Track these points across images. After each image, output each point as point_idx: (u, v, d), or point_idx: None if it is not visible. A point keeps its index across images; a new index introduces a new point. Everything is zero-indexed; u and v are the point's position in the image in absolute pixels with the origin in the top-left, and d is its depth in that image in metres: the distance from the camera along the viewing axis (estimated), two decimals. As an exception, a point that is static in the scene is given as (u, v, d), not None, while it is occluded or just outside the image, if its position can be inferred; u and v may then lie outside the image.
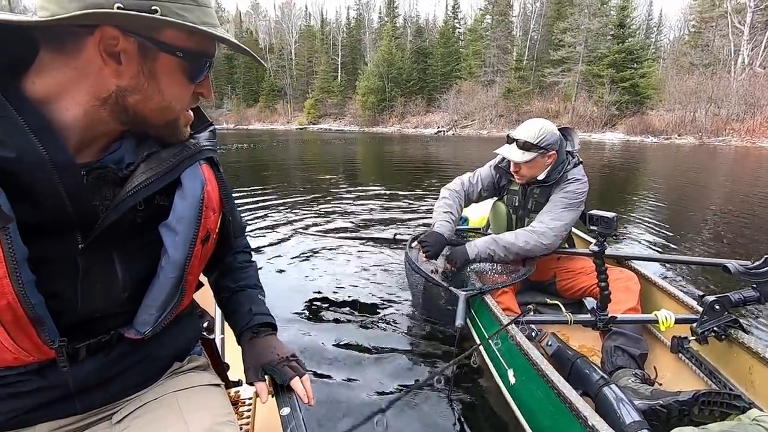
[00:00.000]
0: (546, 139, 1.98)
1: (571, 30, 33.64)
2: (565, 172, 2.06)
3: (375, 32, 53.68)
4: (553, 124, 2.06)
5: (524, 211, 2.21)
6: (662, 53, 44.44)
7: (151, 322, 0.72)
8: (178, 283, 0.72)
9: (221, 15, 63.82)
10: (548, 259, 2.23)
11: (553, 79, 34.93)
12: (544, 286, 2.33)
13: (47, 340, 0.61)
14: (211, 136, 0.77)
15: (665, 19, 52.36)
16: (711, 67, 29.83)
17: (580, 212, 2.06)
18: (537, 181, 2.11)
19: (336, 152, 17.13)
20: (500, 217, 2.30)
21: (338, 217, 5.15)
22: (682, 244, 4.27)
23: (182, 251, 0.70)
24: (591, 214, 1.51)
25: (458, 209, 2.28)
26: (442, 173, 9.81)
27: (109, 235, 0.65)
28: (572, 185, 2.03)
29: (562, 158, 2.08)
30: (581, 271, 2.19)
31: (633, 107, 29.81)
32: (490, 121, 34.83)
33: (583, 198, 2.05)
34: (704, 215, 5.70)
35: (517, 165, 2.08)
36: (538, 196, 2.15)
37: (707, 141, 23.31)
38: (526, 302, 2.24)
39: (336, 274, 3.19)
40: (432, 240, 2.11)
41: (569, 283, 2.22)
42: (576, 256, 2.25)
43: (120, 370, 0.75)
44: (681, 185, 8.93)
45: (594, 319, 1.65)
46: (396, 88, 43.69)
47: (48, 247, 0.60)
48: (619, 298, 1.84)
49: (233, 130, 44.59)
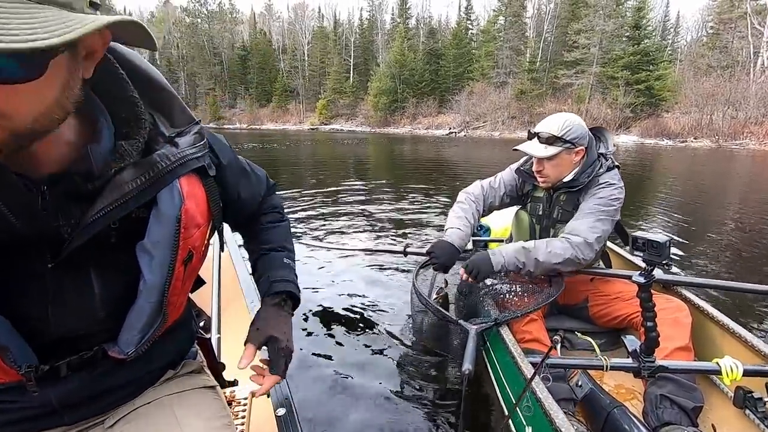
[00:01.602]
0: (572, 132, 1.72)
1: (586, 31, 33.28)
2: (596, 175, 1.77)
3: (387, 33, 53.64)
4: (581, 119, 1.80)
5: (549, 221, 1.92)
6: (679, 55, 43.75)
7: (134, 342, 0.66)
8: (159, 306, 0.66)
9: (235, 16, 64.41)
10: (578, 280, 1.92)
11: (567, 81, 34.57)
12: (574, 311, 1.99)
13: (12, 365, 0.57)
14: (197, 140, 0.67)
15: (682, 20, 51.57)
16: (729, 69, 29.30)
17: (614, 223, 1.78)
18: (563, 185, 1.83)
19: (347, 153, 17.18)
20: (523, 228, 2.01)
21: (347, 225, 4.94)
22: (735, 265, 3.77)
23: (160, 275, 0.64)
24: (636, 236, 1.24)
25: (475, 216, 2.01)
26: (453, 174, 9.80)
27: (82, 254, 0.58)
28: (605, 190, 1.75)
29: (592, 159, 1.81)
30: (618, 296, 1.84)
31: (648, 109, 29.38)
32: (502, 123, 34.58)
33: (618, 206, 1.76)
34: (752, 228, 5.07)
35: (540, 163, 1.81)
36: (564, 204, 1.85)
37: (724, 144, 22.90)
38: (554, 328, 1.94)
39: (340, 289, 2.99)
40: (441, 250, 1.84)
41: (604, 310, 1.88)
42: (611, 279, 1.91)
43: (107, 386, 0.72)
44: (711, 190, 8.71)
45: (637, 365, 1.32)
46: (408, 89, 43.60)
47: (12, 267, 0.55)
48: (665, 333, 1.50)
49: (246, 129, 45.03)
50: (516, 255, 1.73)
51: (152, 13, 78.02)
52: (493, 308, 1.74)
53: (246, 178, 0.87)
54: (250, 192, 0.88)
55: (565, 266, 1.72)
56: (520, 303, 1.78)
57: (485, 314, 1.73)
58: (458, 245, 1.86)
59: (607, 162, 1.81)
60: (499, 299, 1.83)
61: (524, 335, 1.66)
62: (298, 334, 2.36)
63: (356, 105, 48.71)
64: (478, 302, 1.83)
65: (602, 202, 1.73)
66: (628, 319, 1.79)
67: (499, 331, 1.58)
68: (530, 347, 1.61)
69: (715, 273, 3.59)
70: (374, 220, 5.18)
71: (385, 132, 39.25)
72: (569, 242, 1.70)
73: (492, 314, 1.68)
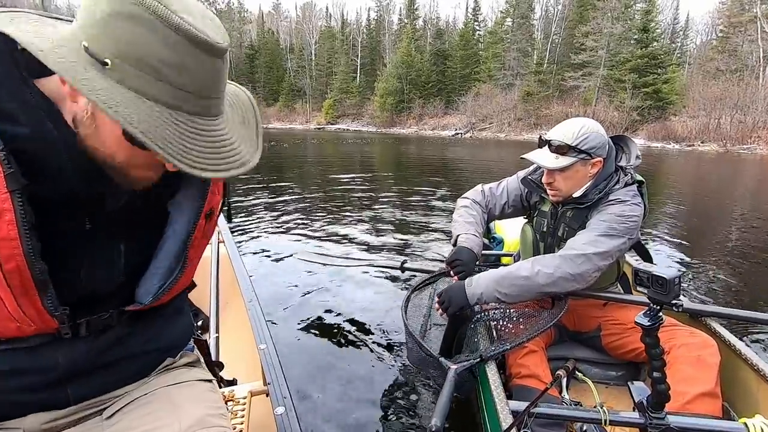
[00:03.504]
0: (588, 141, 1.50)
1: (593, 34, 33.15)
2: (609, 192, 1.54)
3: (394, 34, 53.67)
4: (601, 126, 1.58)
5: (553, 239, 1.68)
6: (688, 58, 43.45)
7: (152, 291, 0.72)
8: (181, 253, 0.73)
9: (244, 15, 64.67)
10: (589, 304, 1.69)
11: (574, 83, 34.45)
12: (585, 339, 1.73)
13: (50, 307, 0.63)
14: None
15: (692, 23, 51.07)
16: (738, 73, 29.07)
17: (627, 242, 1.51)
18: (572, 201, 1.61)
19: (353, 153, 17.21)
20: (527, 245, 1.79)
21: (343, 234, 4.57)
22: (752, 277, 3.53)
23: (187, 222, 0.72)
24: (638, 269, 1.05)
25: (483, 224, 1.81)
26: (456, 177, 9.77)
27: (116, 218, 0.68)
28: (615, 207, 1.51)
29: (608, 172, 1.57)
30: (634, 325, 1.57)
31: (655, 113, 29.19)
32: (508, 125, 34.51)
33: (631, 225, 1.49)
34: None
35: (550, 175, 1.58)
36: (570, 220, 1.62)
37: (731, 148, 22.71)
38: (562, 357, 1.67)
39: (330, 304, 2.78)
40: (467, 256, 1.61)
41: (618, 340, 1.61)
42: (629, 305, 1.64)
43: (111, 359, 0.75)
44: (718, 195, 8.58)
45: (643, 421, 1.09)
46: (414, 89, 43.63)
47: (55, 223, 0.62)
48: (687, 373, 1.29)
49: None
50: (496, 285, 1.47)
51: (161, 12, 78.32)
52: (484, 338, 1.53)
53: None
54: None
55: (558, 287, 1.46)
56: (515, 330, 1.54)
57: (473, 346, 1.53)
58: (477, 252, 1.65)
59: (625, 177, 1.56)
60: (492, 325, 1.59)
61: (520, 370, 1.45)
62: (298, 338, 2.37)
63: (363, 105, 48.83)
64: (468, 330, 1.60)
65: (610, 218, 1.49)
66: (645, 353, 1.56)
67: (487, 368, 1.34)
68: (525, 384, 1.41)
69: (729, 288, 3.29)
70: (374, 225, 5.14)
71: (391, 132, 39.30)
72: (560, 257, 1.47)
73: (481, 345, 1.48)
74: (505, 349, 1.38)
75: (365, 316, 2.61)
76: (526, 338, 1.40)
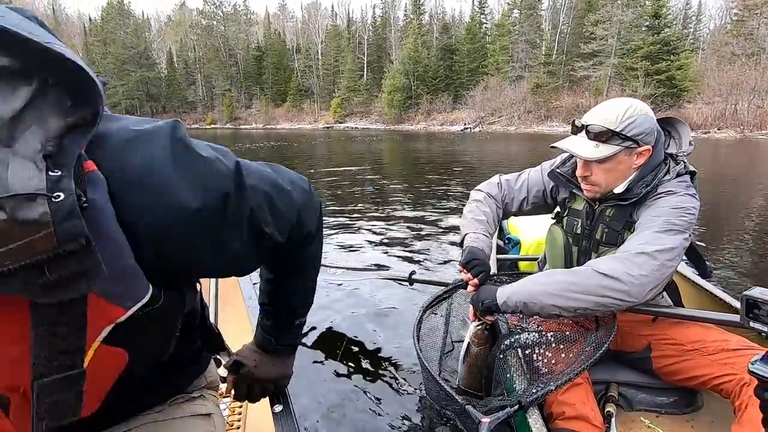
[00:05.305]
0: (636, 125, 1.25)
1: (603, 22, 32.66)
2: (658, 183, 1.28)
3: (401, 30, 53.57)
4: (649, 107, 1.32)
5: (589, 243, 1.42)
6: (701, 44, 42.54)
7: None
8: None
9: (250, 17, 65.08)
10: (637, 320, 1.41)
11: (584, 73, 34.02)
12: (630, 361, 1.46)
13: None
14: None
15: (705, 7, 50.04)
16: (754, 57, 28.37)
17: (687, 241, 1.24)
18: (612, 196, 1.35)
19: (361, 151, 17.21)
20: (556, 249, 1.51)
21: (350, 238, 4.39)
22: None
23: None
24: (752, 297, 0.84)
25: (496, 222, 1.59)
26: (466, 173, 9.69)
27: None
28: (668, 198, 1.25)
29: (656, 162, 1.31)
30: (695, 347, 1.29)
31: (669, 100, 28.71)
32: (518, 118, 34.21)
33: (690, 218, 1.23)
34: None
35: (586, 167, 1.33)
36: (611, 220, 1.35)
37: (749, 134, 22.20)
38: (600, 381, 1.43)
39: (331, 305, 2.69)
40: (482, 256, 1.41)
41: (675, 364, 1.33)
42: (686, 322, 1.35)
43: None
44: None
45: None
46: (422, 85, 43.51)
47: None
48: None
49: (262, 130, 45.51)
50: (524, 291, 1.22)
51: (169, 16, 79.45)
52: (519, 374, 1.25)
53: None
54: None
55: (615, 302, 1.14)
56: (554, 359, 1.27)
57: (507, 383, 1.27)
58: (488, 253, 1.47)
59: (677, 166, 1.31)
60: (526, 354, 1.30)
61: (563, 409, 1.20)
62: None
63: (370, 103, 48.88)
64: (498, 361, 1.29)
65: (665, 212, 1.22)
66: (712, 382, 1.23)
67: (528, 416, 1.11)
68: (571, 429, 1.17)
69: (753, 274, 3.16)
70: (382, 226, 5.07)
71: (399, 129, 39.24)
72: (614, 258, 1.19)
73: (517, 385, 1.22)
74: (548, 391, 1.10)
75: (365, 315, 2.59)
76: (574, 373, 1.15)
